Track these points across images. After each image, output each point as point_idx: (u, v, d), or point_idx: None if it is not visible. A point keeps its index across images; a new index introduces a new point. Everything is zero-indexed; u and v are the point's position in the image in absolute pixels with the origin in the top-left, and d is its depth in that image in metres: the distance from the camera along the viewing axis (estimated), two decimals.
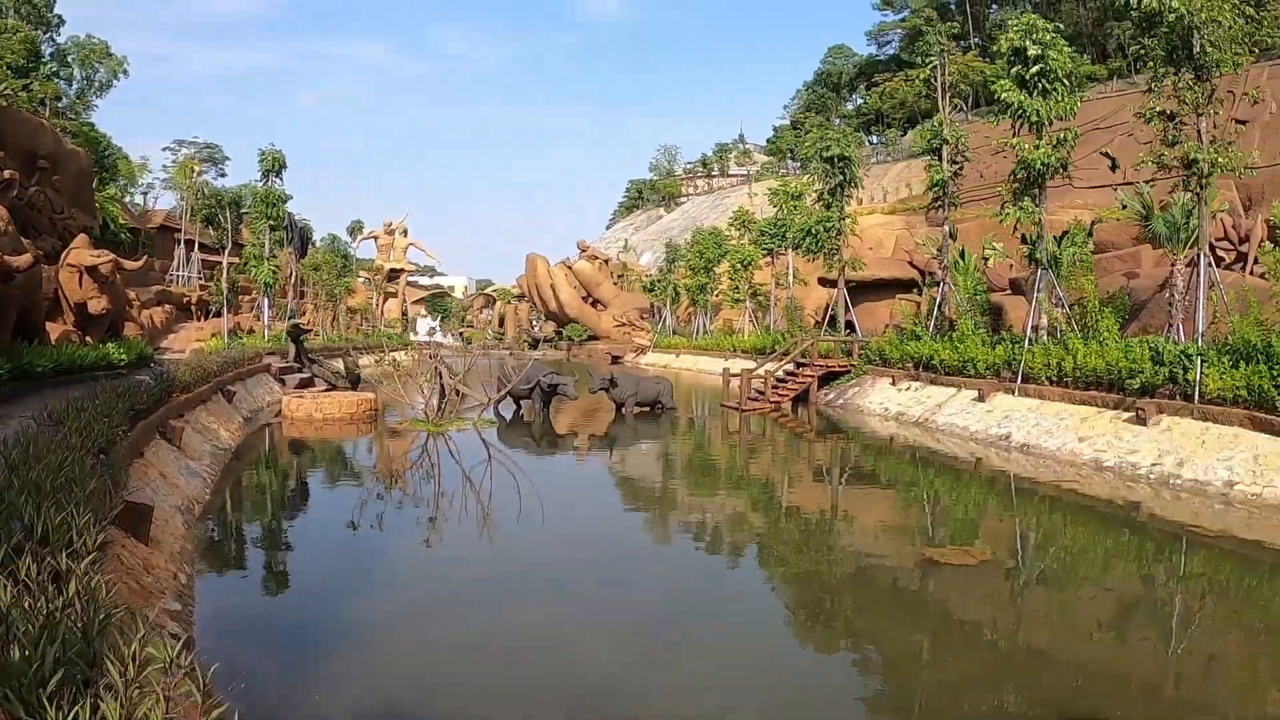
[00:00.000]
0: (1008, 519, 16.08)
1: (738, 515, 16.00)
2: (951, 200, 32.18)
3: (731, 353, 52.80)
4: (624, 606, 10.18)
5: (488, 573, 11.34)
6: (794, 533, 14.67)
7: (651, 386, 29.17)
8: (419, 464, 19.62)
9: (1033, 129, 26.09)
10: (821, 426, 29.14)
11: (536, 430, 26.69)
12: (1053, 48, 26.00)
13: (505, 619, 9.40)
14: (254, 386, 30.35)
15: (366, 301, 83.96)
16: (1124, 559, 13.29)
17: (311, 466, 20.88)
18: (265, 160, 48.55)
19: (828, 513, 16.87)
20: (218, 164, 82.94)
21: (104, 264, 25.28)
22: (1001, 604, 10.91)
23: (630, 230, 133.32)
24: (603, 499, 17.50)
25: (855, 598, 11.08)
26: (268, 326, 48.32)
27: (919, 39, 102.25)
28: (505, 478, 17.62)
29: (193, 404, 20.27)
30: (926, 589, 11.36)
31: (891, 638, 9.46)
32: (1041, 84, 25.94)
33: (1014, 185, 26.73)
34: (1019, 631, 9.84)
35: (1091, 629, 9.93)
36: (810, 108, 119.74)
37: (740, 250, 57.01)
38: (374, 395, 27.92)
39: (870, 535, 14.88)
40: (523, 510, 14.72)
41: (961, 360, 27.96)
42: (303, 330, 41.17)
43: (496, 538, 13.11)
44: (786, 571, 12.26)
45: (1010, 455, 21.57)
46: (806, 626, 9.97)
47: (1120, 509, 16.25)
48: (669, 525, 15.16)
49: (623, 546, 13.21)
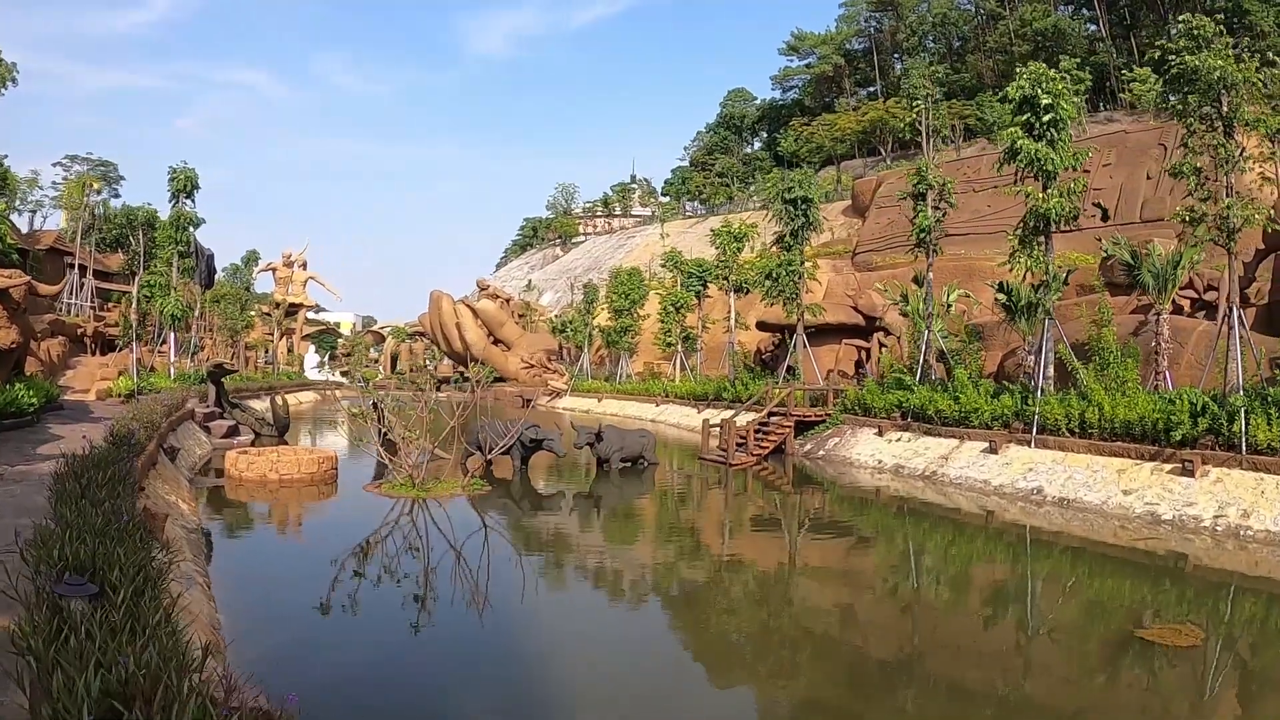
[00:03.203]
0: (1156, 589, 14.45)
1: (871, 611, 13.31)
2: (934, 246, 31.04)
3: (664, 398, 50.90)
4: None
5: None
6: (971, 622, 12.52)
7: (636, 441, 26.88)
8: (435, 557, 16.40)
9: (1038, 177, 25.31)
10: (813, 481, 27.07)
11: (516, 490, 23.70)
12: (1063, 97, 25.41)
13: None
14: (184, 438, 26.68)
15: (264, 338, 79.16)
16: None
17: (308, 559, 15.49)
18: (176, 179, 44.59)
19: (975, 594, 14.61)
20: (112, 183, 77.01)
21: (15, 287, 21.48)
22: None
23: (526, 269, 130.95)
24: (638, 607, 13.59)
25: (1103, 692, 9.21)
26: (172, 364, 44.15)
27: (831, 83, 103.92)
28: (543, 579, 14.62)
29: (145, 469, 16.11)
30: (1166, 677, 9.72)
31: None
32: (1051, 133, 25.20)
33: (1022, 233, 25.73)
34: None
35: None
36: (713, 149, 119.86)
37: (673, 292, 55.16)
38: (334, 454, 24.19)
39: (1055, 615, 12.96)
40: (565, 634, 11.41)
41: (963, 410, 26.57)
42: (225, 370, 37.36)
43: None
44: (1007, 667, 10.07)
45: (1045, 510, 20.54)
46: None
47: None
48: (760, 646, 11.44)
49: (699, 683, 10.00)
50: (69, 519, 7.79)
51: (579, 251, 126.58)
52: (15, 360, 23.34)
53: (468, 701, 8.74)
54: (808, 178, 37.98)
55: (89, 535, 7.10)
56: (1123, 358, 24.86)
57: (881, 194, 67.93)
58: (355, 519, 18.71)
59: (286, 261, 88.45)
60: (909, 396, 29.15)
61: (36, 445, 17.85)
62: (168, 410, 22.98)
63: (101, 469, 11.21)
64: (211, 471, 24.44)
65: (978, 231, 52.72)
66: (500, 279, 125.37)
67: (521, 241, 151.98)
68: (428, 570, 14.06)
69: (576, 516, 20.92)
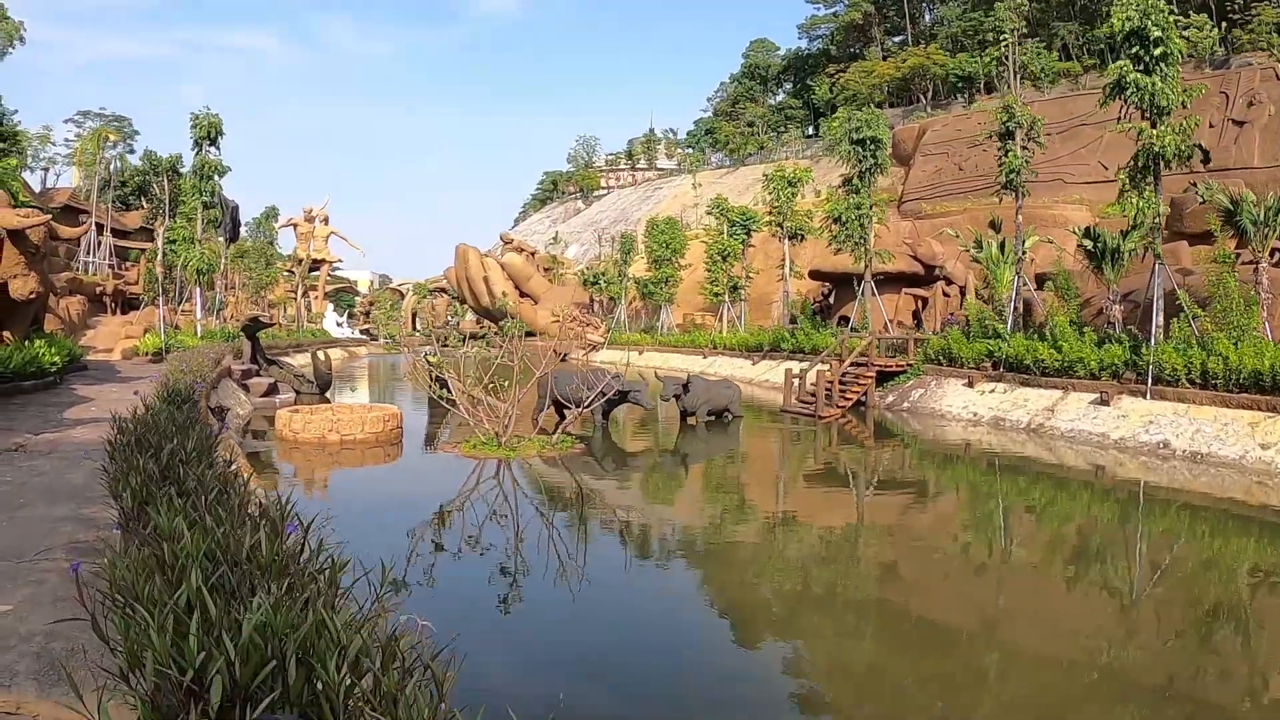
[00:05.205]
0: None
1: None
2: (1023, 188, 29.32)
3: (711, 349, 49.28)
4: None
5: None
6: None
7: (722, 393, 25.24)
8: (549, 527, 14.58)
9: (1147, 114, 23.59)
10: (899, 435, 25.33)
11: (600, 448, 21.55)
12: (1172, 29, 23.60)
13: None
14: (224, 397, 24.93)
15: (285, 295, 77.73)
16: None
17: (404, 529, 12.63)
18: (199, 125, 42.12)
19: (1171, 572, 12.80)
20: (127, 138, 74.87)
21: (33, 228, 19.18)
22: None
23: (547, 222, 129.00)
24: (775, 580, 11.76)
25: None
26: (199, 322, 42.59)
27: (860, 31, 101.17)
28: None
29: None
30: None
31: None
32: (1160, 68, 23.45)
33: (1131, 171, 24.04)
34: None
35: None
36: (738, 99, 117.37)
37: (719, 240, 53.34)
38: (398, 411, 22.01)
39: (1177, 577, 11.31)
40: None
41: (1066, 360, 25.04)
42: (262, 324, 35.67)
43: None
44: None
45: (1172, 466, 19.10)
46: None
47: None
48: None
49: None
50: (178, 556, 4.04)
51: (604, 204, 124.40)
52: (34, 315, 21.45)
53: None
54: (876, 117, 35.99)
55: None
56: (1245, 306, 23.25)
57: (927, 141, 65.88)
58: (444, 482, 16.70)
59: (308, 217, 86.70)
60: (1001, 346, 27.52)
61: (62, 409, 15.93)
62: (213, 364, 21.18)
63: (171, 437, 7.33)
64: (249, 434, 22.17)
65: (1031, 181, 50.74)
66: (521, 233, 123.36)
67: (540, 195, 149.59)
68: (550, 538, 12.37)
69: (670, 476, 19.27)
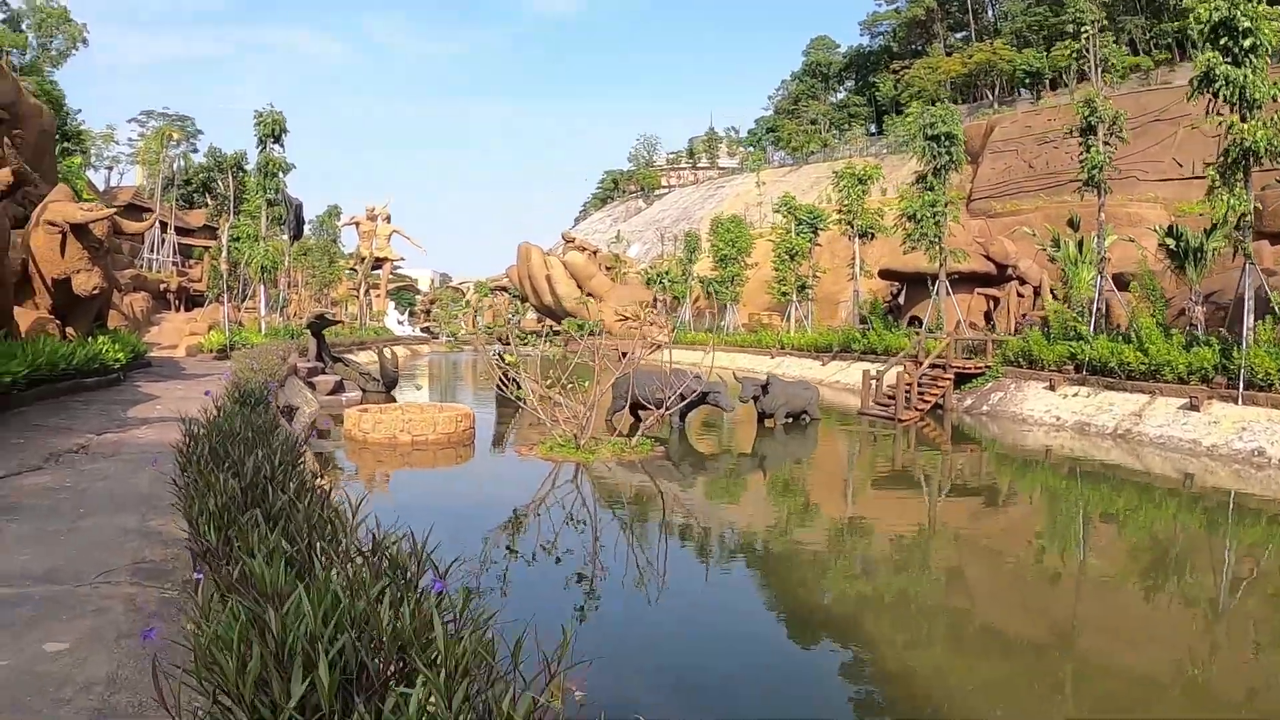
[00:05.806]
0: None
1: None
2: (1103, 185, 28.63)
3: (779, 349, 48.85)
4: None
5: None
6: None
7: (801, 394, 24.93)
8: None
9: (1236, 108, 22.84)
10: (979, 440, 24.85)
11: (675, 451, 20.91)
12: (1263, 20, 22.82)
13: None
14: (292, 395, 24.82)
15: (348, 293, 78.70)
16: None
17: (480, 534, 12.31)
18: (263, 123, 42.57)
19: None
20: (190, 137, 76.34)
21: (97, 222, 18.74)
22: None
23: (609, 221, 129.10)
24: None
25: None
26: (263, 319, 43.10)
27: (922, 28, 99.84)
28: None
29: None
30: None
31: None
32: (1250, 60, 22.73)
33: (1220, 167, 23.32)
34: None
35: None
36: (799, 98, 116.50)
37: (787, 239, 52.89)
38: (471, 411, 21.83)
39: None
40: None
41: (1153, 363, 24.41)
42: (328, 321, 35.72)
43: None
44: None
45: (1268, 475, 18.34)
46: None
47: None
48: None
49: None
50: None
51: (665, 202, 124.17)
52: (98, 311, 21.24)
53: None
54: (950, 113, 35.30)
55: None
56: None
57: (995, 138, 64.70)
58: (521, 485, 16.33)
59: (370, 215, 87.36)
60: (1083, 348, 26.89)
61: (126, 408, 15.39)
62: (281, 362, 21.19)
63: (252, 447, 6.26)
64: (315, 433, 21.02)
65: (1110, 179, 49.65)
66: (582, 232, 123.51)
67: (601, 195, 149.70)
68: (630, 546, 12.09)
69: (751, 481, 18.92)
